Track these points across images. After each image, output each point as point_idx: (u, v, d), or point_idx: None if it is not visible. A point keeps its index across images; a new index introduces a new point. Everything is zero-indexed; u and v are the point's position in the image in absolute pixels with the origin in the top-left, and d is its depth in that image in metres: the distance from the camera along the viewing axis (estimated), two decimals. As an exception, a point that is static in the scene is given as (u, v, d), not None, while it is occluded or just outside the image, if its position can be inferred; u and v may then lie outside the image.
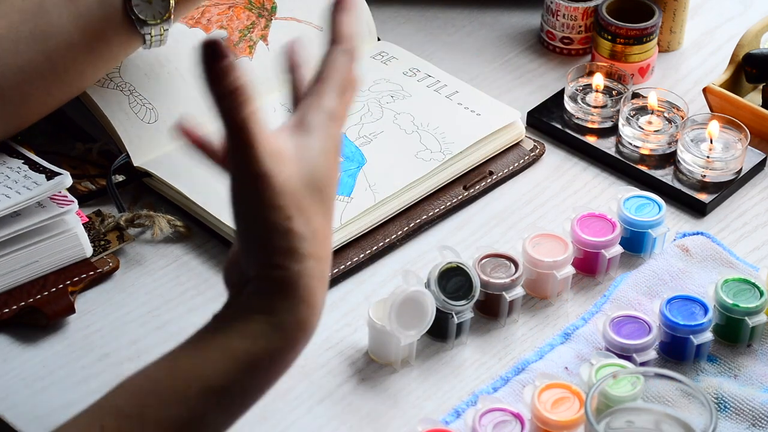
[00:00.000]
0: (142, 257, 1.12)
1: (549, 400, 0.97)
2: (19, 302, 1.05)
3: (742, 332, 1.04)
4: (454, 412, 0.99)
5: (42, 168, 1.08)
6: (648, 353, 1.02)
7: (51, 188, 1.05)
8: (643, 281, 1.09)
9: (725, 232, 1.16)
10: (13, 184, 1.07)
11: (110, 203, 1.14)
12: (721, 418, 0.98)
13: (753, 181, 1.22)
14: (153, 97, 1.18)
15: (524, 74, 1.33)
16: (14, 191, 1.05)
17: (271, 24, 1.26)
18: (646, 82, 1.32)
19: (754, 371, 1.03)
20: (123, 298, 1.08)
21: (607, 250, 1.09)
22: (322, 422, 0.99)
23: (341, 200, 1.13)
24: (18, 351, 1.04)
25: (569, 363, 1.02)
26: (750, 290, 1.05)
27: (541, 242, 1.09)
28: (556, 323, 1.07)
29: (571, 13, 1.33)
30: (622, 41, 1.29)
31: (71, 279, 1.07)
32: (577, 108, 1.25)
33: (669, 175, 1.20)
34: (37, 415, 0.99)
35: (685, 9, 1.34)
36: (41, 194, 1.05)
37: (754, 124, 1.22)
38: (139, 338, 1.05)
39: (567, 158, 1.24)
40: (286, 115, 0.86)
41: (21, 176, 1.08)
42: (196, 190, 1.13)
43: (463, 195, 1.18)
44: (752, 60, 1.26)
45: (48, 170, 1.08)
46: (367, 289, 1.10)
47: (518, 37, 1.38)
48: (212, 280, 1.10)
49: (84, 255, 1.08)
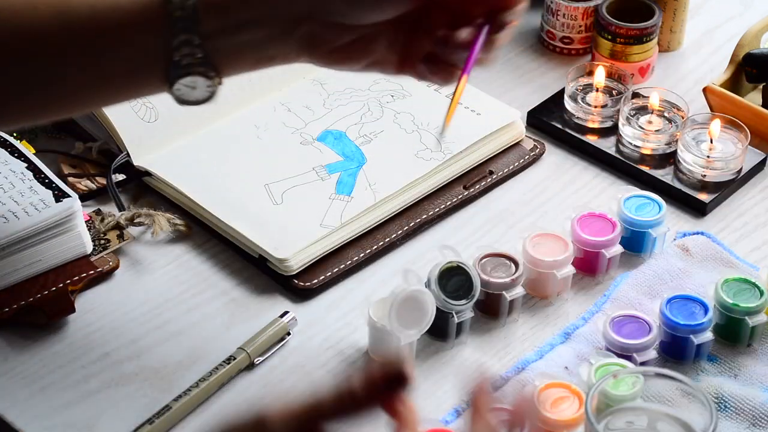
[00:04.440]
0: (142, 257, 1.12)
1: (549, 399, 0.97)
2: (19, 301, 1.05)
3: (742, 332, 1.04)
4: (454, 412, 0.99)
5: (47, 181, 1.08)
6: (648, 353, 1.02)
7: (59, 213, 1.05)
8: (644, 281, 1.09)
9: (725, 232, 1.16)
10: (18, 197, 1.06)
11: (110, 202, 1.14)
12: (721, 417, 0.98)
13: (753, 180, 1.22)
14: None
15: (524, 74, 1.33)
16: (21, 209, 1.05)
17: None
18: (646, 82, 1.32)
19: (754, 371, 1.03)
20: (123, 298, 1.08)
21: (607, 249, 1.09)
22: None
23: (341, 199, 1.13)
24: (18, 351, 1.04)
25: (569, 362, 1.02)
26: (750, 290, 1.05)
27: (541, 242, 1.09)
28: (556, 323, 1.07)
29: (571, 13, 1.33)
30: (622, 41, 1.29)
31: (71, 278, 1.07)
32: (577, 108, 1.25)
33: (669, 175, 1.20)
34: (37, 415, 0.99)
35: (685, 9, 1.34)
36: (49, 219, 1.05)
37: (754, 124, 1.22)
38: (139, 338, 1.05)
39: (567, 158, 1.24)
40: None
41: (26, 187, 1.07)
42: (196, 189, 1.13)
43: (463, 195, 1.18)
44: (752, 60, 1.26)
45: (55, 187, 1.07)
46: (367, 288, 1.10)
47: (518, 37, 1.38)
48: (212, 280, 1.10)
49: (85, 252, 1.08)
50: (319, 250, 1.10)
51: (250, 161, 1.16)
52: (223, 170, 1.16)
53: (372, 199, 1.14)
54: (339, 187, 1.15)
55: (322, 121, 1.20)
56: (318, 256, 1.10)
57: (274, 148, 1.18)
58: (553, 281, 1.08)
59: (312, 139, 1.19)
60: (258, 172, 1.15)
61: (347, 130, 1.20)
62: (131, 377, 1.02)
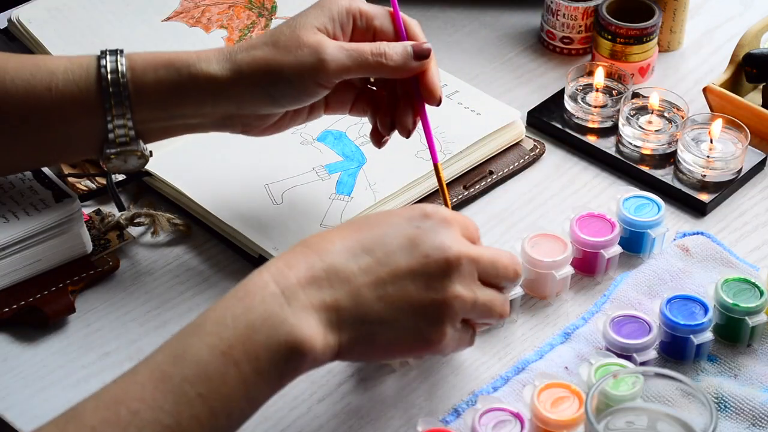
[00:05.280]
0: (142, 257, 1.12)
1: (549, 399, 0.97)
2: (19, 301, 1.05)
3: (742, 332, 1.04)
4: (454, 412, 0.99)
5: (47, 181, 1.08)
6: (648, 353, 1.02)
7: (60, 216, 1.05)
8: (644, 281, 1.09)
9: (725, 232, 1.16)
10: (19, 197, 1.06)
11: (110, 202, 1.14)
12: (721, 417, 0.98)
13: (753, 180, 1.22)
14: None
15: (524, 74, 1.33)
16: (21, 209, 1.05)
17: (271, 23, 1.26)
18: (646, 82, 1.32)
19: (754, 371, 1.03)
20: (123, 298, 1.08)
21: (606, 250, 1.09)
22: (322, 422, 0.99)
23: (341, 199, 1.13)
24: (18, 351, 1.04)
25: (569, 363, 1.02)
26: (750, 290, 1.05)
27: (540, 242, 1.09)
28: (556, 323, 1.07)
29: (571, 13, 1.33)
30: (622, 41, 1.29)
31: (71, 278, 1.07)
32: (577, 108, 1.25)
33: (669, 175, 1.20)
34: (37, 415, 0.99)
35: (685, 9, 1.34)
36: (49, 220, 1.05)
37: (754, 124, 1.22)
38: (139, 338, 1.05)
39: (567, 158, 1.24)
40: None
41: (26, 187, 1.07)
42: (196, 189, 1.13)
43: (463, 195, 1.18)
44: (752, 60, 1.26)
45: (55, 187, 1.08)
46: (367, 288, 1.10)
47: (518, 37, 1.38)
48: (212, 280, 1.10)
49: (85, 252, 1.08)
50: (319, 250, 1.10)
51: (250, 161, 1.16)
52: (223, 170, 1.16)
53: (372, 199, 1.14)
54: (339, 187, 1.15)
55: (322, 121, 1.20)
56: (318, 256, 1.10)
57: (274, 148, 1.17)
58: (552, 281, 1.08)
59: (312, 139, 1.19)
60: (258, 172, 1.15)
61: (347, 130, 1.20)
62: (131, 377, 1.02)
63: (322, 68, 0.99)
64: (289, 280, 0.87)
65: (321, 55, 0.99)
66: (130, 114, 1.00)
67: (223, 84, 1.00)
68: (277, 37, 1.01)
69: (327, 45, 1.00)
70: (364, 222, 0.92)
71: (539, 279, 1.08)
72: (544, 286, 1.08)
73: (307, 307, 0.86)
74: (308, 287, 0.87)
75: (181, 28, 1.23)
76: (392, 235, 0.91)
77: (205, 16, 1.24)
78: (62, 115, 1.00)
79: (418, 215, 0.92)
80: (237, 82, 1.00)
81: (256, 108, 1.02)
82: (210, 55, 1.01)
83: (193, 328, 0.85)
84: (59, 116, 1.00)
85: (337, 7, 1.02)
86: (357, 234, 0.91)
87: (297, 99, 1.02)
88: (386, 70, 1.02)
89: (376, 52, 1.01)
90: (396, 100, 1.07)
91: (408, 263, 0.90)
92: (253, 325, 0.84)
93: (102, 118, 1.00)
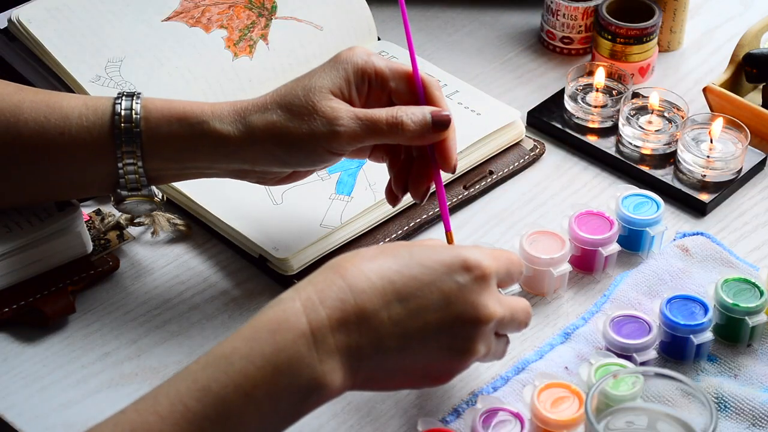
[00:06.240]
0: (142, 257, 1.12)
1: (549, 399, 0.97)
2: (19, 301, 1.05)
3: (742, 332, 1.04)
4: (454, 412, 0.99)
5: None
6: (648, 353, 1.02)
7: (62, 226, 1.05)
8: (644, 281, 1.09)
9: (725, 232, 1.16)
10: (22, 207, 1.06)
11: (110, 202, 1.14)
12: (721, 417, 0.98)
13: (753, 180, 1.22)
14: (153, 96, 1.18)
15: (524, 74, 1.33)
16: (24, 219, 1.05)
17: (271, 23, 1.26)
18: (646, 82, 1.32)
19: (754, 371, 1.03)
20: (123, 298, 1.08)
21: (604, 247, 1.09)
22: (322, 422, 0.99)
23: (341, 199, 1.13)
24: (18, 350, 1.04)
25: (569, 362, 1.02)
26: (750, 290, 1.05)
27: (537, 239, 1.09)
28: (555, 322, 1.07)
29: (571, 13, 1.33)
30: (622, 41, 1.29)
31: (71, 278, 1.07)
32: (577, 108, 1.25)
33: (669, 175, 1.20)
34: (37, 415, 0.99)
35: (685, 9, 1.34)
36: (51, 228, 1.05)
37: (754, 124, 1.22)
38: (139, 338, 1.05)
39: (567, 158, 1.24)
40: None
41: None
42: (196, 189, 1.13)
43: (463, 194, 1.18)
44: (752, 60, 1.26)
45: None
46: (367, 288, 1.10)
47: (518, 37, 1.38)
48: (212, 280, 1.10)
49: (85, 252, 1.08)
50: (319, 250, 1.10)
51: (250, 161, 1.16)
52: (223, 170, 1.16)
53: (372, 199, 1.14)
54: (339, 187, 1.15)
55: (322, 121, 1.20)
56: (318, 256, 1.10)
57: (274, 148, 1.17)
58: (550, 279, 1.08)
59: (312, 139, 1.19)
60: (258, 172, 1.15)
61: (347, 130, 1.20)
62: (131, 377, 1.02)
63: (335, 138, 0.99)
64: (321, 318, 0.86)
65: (334, 127, 0.98)
66: (141, 162, 1.00)
67: (235, 145, 1.00)
68: (290, 101, 0.99)
69: (341, 115, 0.99)
70: (404, 262, 0.90)
71: (537, 276, 1.08)
72: (541, 283, 1.08)
73: (332, 351, 0.86)
74: (337, 331, 0.87)
75: (181, 28, 1.23)
76: (429, 288, 0.90)
77: (205, 16, 1.24)
78: (73, 159, 1.01)
79: (459, 267, 0.91)
80: (250, 145, 1.00)
81: (268, 167, 1.02)
82: (224, 112, 1.00)
83: (219, 360, 0.85)
84: (70, 160, 1.01)
85: (352, 67, 1.01)
86: (395, 275, 0.89)
87: (310, 165, 1.02)
88: (402, 139, 1.01)
89: (392, 122, 1.00)
90: (412, 158, 1.06)
91: (438, 321, 0.90)
92: (280, 368, 0.84)
93: (113, 164, 1.00)
